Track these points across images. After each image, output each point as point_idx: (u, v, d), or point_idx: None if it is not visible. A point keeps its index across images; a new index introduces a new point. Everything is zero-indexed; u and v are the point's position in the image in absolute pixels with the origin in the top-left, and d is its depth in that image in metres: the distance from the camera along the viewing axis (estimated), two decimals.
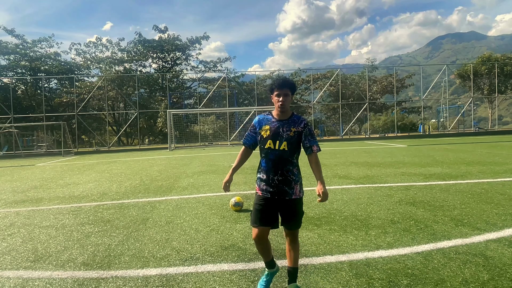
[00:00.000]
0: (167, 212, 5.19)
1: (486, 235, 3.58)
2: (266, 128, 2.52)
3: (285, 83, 2.46)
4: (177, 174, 9.57)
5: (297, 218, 2.54)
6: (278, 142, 2.46)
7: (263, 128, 2.53)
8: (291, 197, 2.48)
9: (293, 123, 2.50)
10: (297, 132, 2.49)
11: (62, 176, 10.46)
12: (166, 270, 3.05)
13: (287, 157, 2.47)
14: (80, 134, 36.76)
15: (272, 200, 2.48)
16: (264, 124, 2.55)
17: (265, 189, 2.50)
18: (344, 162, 10.73)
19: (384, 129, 32.72)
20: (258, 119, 2.61)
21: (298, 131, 2.49)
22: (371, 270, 2.86)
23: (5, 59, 37.46)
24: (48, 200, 6.60)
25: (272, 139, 2.47)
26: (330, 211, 4.81)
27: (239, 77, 41.67)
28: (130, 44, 41.61)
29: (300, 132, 2.50)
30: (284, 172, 2.47)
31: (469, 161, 9.81)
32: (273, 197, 2.47)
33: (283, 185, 2.46)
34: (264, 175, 2.50)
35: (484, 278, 2.64)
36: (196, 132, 31.51)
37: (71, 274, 3.07)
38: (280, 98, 2.45)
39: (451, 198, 5.30)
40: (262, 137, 2.52)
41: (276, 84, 2.46)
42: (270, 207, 2.48)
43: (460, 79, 38.13)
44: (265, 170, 2.50)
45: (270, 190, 2.47)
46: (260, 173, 2.55)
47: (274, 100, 2.50)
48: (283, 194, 2.47)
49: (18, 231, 4.52)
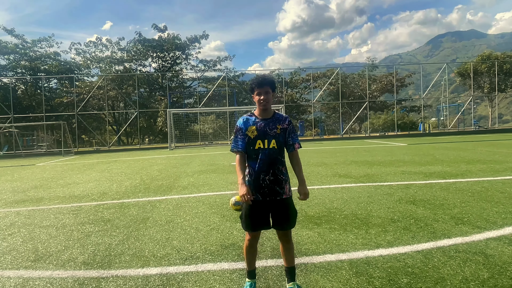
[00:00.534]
0: (168, 211, 5.19)
1: (486, 234, 3.58)
2: (253, 128, 2.47)
3: (265, 81, 2.44)
4: (177, 174, 9.57)
5: (290, 218, 2.51)
6: (267, 141, 2.44)
7: (249, 129, 2.47)
8: (282, 197, 2.47)
9: (277, 121, 2.51)
10: (283, 129, 2.50)
11: (62, 176, 10.46)
12: (167, 269, 3.05)
13: (276, 155, 2.47)
14: (80, 133, 36.78)
15: (263, 203, 2.45)
16: (249, 125, 2.49)
17: (255, 192, 2.44)
18: (344, 161, 10.73)
19: (384, 127, 32.72)
20: (242, 121, 2.52)
21: (283, 128, 2.51)
22: (371, 269, 2.87)
23: (5, 59, 37.46)
24: (48, 200, 6.60)
25: (261, 138, 2.45)
26: (330, 209, 4.82)
27: (239, 76, 41.69)
28: (130, 43, 41.61)
29: (285, 129, 2.52)
30: (276, 171, 2.46)
31: (469, 159, 9.81)
32: (265, 199, 2.44)
33: (274, 185, 2.45)
34: (254, 178, 2.45)
35: (484, 277, 2.64)
36: (196, 131, 31.53)
37: (71, 273, 3.07)
38: (262, 96, 2.44)
39: (451, 196, 5.30)
40: (250, 138, 2.47)
41: (255, 83, 2.45)
42: (262, 210, 2.46)
43: (460, 78, 38.13)
44: (256, 171, 2.44)
45: (261, 192, 2.44)
46: (248, 177, 2.48)
47: (256, 99, 2.47)
48: (274, 195, 2.45)
49: (18, 230, 4.52)
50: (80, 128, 34.43)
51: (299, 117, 41.57)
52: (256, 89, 2.45)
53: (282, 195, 2.46)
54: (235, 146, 2.51)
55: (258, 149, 2.44)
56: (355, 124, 39.76)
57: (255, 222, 2.47)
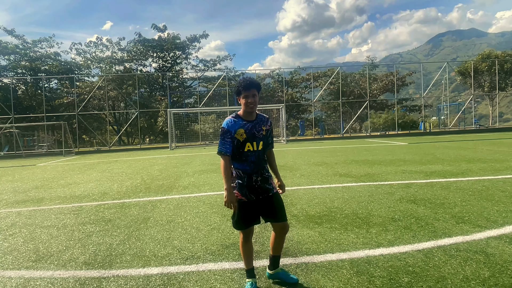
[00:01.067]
0: (168, 211, 5.20)
1: (486, 232, 3.58)
2: (241, 131, 2.50)
3: (252, 84, 2.49)
4: (178, 173, 9.58)
5: (283, 209, 2.63)
6: (256, 143, 2.53)
7: (238, 132, 2.50)
8: (273, 192, 2.60)
9: (262, 123, 2.60)
10: (267, 130, 2.62)
11: (63, 176, 10.47)
12: (168, 269, 3.05)
13: (262, 156, 2.61)
14: (81, 134, 36.79)
15: (256, 202, 2.54)
16: (237, 127, 2.50)
17: (248, 194, 2.52)
18: (345, 160, 10.72)
19: (384, 127, 32.68)
20: (230, 124, 2.51)
21: (267, 129, 2.63)
22: (372, 268, 2.87)
23: (5, 60, 37.48)
24: (49, 200, 6.61)
25: (250, 141, 2.51)
26: (331, 209, 4.82)
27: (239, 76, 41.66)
28: (130, 43, 41.58)
29: (268, 130, 2.64)
30: (263, 170, 2.60)
31: (470, 158, 9.80)
32: (258, 198, 2.54)
33: (264, 183, 2.57)
34: (246, 179, 2.52)
35: (485, 275, 2.64)
36: (196, 131, 31.53)
37: (72, 273, 3.08)
38: (249, 99, 2.48)
39: (451, 195, 5.30)
40: (239, 141, 2.50)
41: (243, 86, 2.48)
42: (254, 209, 2.55)
43: (461, 77, 38.08)
44: (248, 173, 2.52)
45: (255, 192, 2.53)
46: (238, 180, 2.53)
47: (243, 102, 2.51)
48: (266, 192, 2.57)
49: (19, 231, 4.53)
50: (81, 128, 34.44)
51: (300, 117, 41.53)
52: (243, 92, 2.49)
53: (272, 190, 2.60)
54: (224, 149, 2.50)
55: (247, 152, 2.51)
56: (355, 124, 39.72)
57: (247, 221, 2.57)
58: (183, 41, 41.69)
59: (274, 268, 2.72)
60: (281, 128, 26.55)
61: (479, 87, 37.08)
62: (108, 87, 33.75)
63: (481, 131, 28.14)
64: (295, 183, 7.10)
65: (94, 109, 37.28)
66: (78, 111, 29.49)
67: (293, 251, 3.33)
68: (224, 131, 2.52)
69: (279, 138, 26.11)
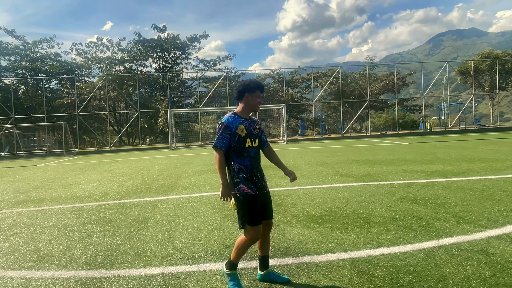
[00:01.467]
0: (169, 211, 5.20)
1: (487, 232, 3.57)
2: (242, 127, 2.59)
3: (264, 87, 2.71)
4: (178, 174, 9.58)
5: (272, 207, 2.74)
6: (253, 140, 2.64)
7: (239, 128, 2.58)
8: (267, 189, 2.72)
9: (254, 121, 2.74)
10: (259, 129, 2.77)
11: (63, 176, 10.48)
12: (168, 269, 3.06)
13: (259, 153, 2.72)
14: (81, 134, 36.80)
15: (258, 196, 2.61)
16: (237, 124, 2.59)
17: (253, 187, 2.58)
18: (346, 160, 10.72)
19: (385, 126, 32.65)
20: (230, 120, 2.60)
21: (260, 128, 2.78)
22: (373, 268, 2.87)
23: (5, 60, 37.50)
24: (50, 200, 6.62)
25: (250, 137, 2.62)
26: (332, 209, 4.82)
27: (239, 76, 41.64)
28: (130, 44, 41.60)
29: (260, 128, 2.77)
30: (259, 167, 2.71)
31: (471, 158, 9.79)
32: (259, 192, 2.61)
33: (262, 180, 2.67)
34: (249, 174, 2.58)
35: (486, 275, 2.64)
36: (197, 131, 31.53)
37: (73, 274, 3.08)
38: (260, 99, 2.68)
39: (452, 195, 5.29)
40: (240, 136, 2.58)
41: (261, 87, 2.66)
42: (259, 203, 2.61)
43: (461, 76, 38.01)
44: (249, 168, 2.59)
45: (257, 187, 2.60)
46: (242, 174, 2.57)
47: (253, 100, 2.64)
48: (263, 188, 2.66)
49: (20, 231, 4.54)
50: (81, 129, 34.45)
51: (300, 117, 41.53)
52: (257, 92, 2.65)
53: (266, 188, 2.71)
54: (222, 143, 2.56)
55: (248, 147, 2.60)
56: (356, 123, 39.71)
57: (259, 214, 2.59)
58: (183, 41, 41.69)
59: (265, 268, 2.74)
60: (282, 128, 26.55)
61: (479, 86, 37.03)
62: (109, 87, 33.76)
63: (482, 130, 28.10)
64: (296, 183, 7.09)
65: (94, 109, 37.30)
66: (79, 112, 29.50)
67: (294, 251, 3.33)
68: (224, 126, 2.58)
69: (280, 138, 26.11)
